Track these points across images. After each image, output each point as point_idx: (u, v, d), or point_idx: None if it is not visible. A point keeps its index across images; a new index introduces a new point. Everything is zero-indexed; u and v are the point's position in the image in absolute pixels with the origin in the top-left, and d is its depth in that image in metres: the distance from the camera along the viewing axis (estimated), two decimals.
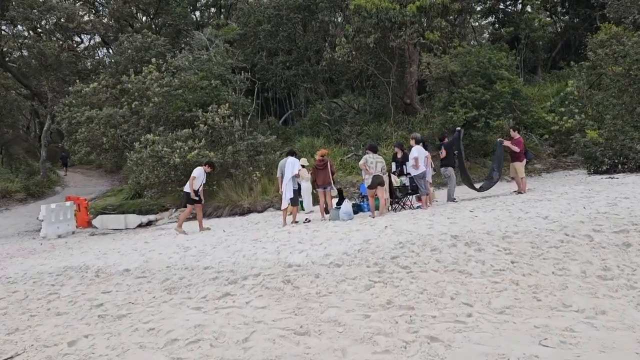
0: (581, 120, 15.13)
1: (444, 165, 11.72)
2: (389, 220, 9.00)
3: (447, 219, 8.57)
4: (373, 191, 10.36)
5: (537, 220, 7.54)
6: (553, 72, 28.45)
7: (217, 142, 16.61)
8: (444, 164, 11.72)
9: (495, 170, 12.15)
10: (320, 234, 8.27)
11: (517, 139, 11.82)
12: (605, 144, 13.87)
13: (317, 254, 6.44)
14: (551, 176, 16.30)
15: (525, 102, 16.22)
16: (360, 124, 22.97)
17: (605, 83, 15.49)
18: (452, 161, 11.77)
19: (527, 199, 10.27)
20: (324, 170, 10.90)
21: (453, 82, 16.57)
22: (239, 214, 15.83)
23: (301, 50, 23.33)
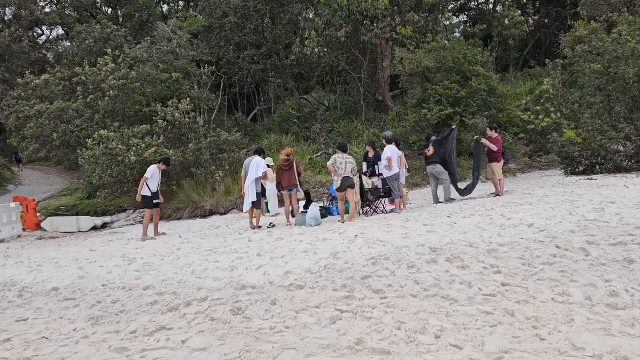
0: (557, 119, 14.63)
1: (432, 162, 10.96)
2: (359, 228, 8.17)
3: (423, 226, 7.80)
4: (342, 194, 9.52)
5: (522, 229, 6.82)
6: (525, 71, 28.28)
7: (178, 140, 15.50)
8: (432, 161, 10.96)
9: (475, 171, 11.48)
10: (284, 244, 7.37)
11: (495, 139, 11.16)
12: (583, 144, 13.38)
13: (277, 272, 5.55)
14: (527, 177, 15.79)
15: (501, 100, 15.66)
16: (331, 121, 22.13)
17: (582, 81, 15.03)
18: (440, 159, 11.05)
19: (507, 203, 9.60)
20: (289, 171, 10.00)
21: (427, 78, 15.88)
22: (200, 216, 14.78)
23: (270, 44, 22.33)
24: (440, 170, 10.86)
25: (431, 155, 10.94)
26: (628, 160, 13.18)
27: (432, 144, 10.99)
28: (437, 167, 10.88)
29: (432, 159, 10.97)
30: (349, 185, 9.39)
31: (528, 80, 25.24)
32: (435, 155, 10.91)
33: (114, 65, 16.09)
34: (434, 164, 10.92)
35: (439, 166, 10.88)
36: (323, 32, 18.80)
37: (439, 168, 10.87)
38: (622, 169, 13.12)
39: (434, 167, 10.93)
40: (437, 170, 10.88)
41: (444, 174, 10.88)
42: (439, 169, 10.87)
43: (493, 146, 11.06)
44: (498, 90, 15.21)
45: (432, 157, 10.95)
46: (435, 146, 10.95)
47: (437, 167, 10.87)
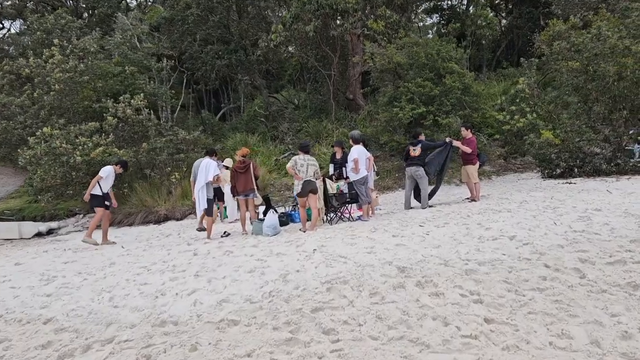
0: (533, 119, 13.96)
1: (415, 164, 10.04)
2: (320, 239, 7.20)
3: (392, 237, 6.87)
4: (304, 200, 8.54)
5: (503, 241, 5.96)
6: (498, 71, 27.85)
7: (130, 139, 14.27)
8: (416, 163, 10.05)
9: (438, 175, 10.64)
10: (230, 260, 6.34)
11: (469, 139, 10.34)
12: (561, 145, 12.72)
13: (211, 300, 4.52)
14: (502, 179, 15.09)
15: (475, 99, 14.92)
16: (300, 120, 21.14)
17: (560, 80, 14.41)
18: (424, 162, 10.16)
19: (484, 209, 8.77)
20: (245, 174, 8.96)
21: (399, 75, 15.03)
22: (154, 221, 13.59)
23: (236, 39, 21.19)
24: (422, 175, 9.97)
25: (417, 156, 10.04)
26: (607, 163, 12.58)
27: (420, 145, 10.09)
28: (420, 170, 9.98)
29: (416, 160, 10.06)
30: (310, 189, 8.42)
31: (502, 81, 24.75)
32: (421, 157, 10.03)
33: (61, 57, 14.75)
34: (417, 167, 10.02)
35: (422, 169, 9.99)
36: (291, 26, 17.80)
37: (422, 172, 9.98)
38: (601, 172, 12.51)
39: (417, 169, 10.02)
40: (420, 173, 9.98)
41: (425, 179, 9.99)
42: (422, 172, 9.97)
43: (466, 148, 10.24)
44: (473, 88, 14.47)
45: (416, 158, 10.05)
46: (423, 146, 10.07)
47: (420, 170, 9.98)
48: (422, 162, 10.06)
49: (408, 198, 10.37)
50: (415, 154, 10.11)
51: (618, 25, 12.82)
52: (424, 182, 10.02)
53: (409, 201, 10.35)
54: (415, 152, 10.11)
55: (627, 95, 12.30)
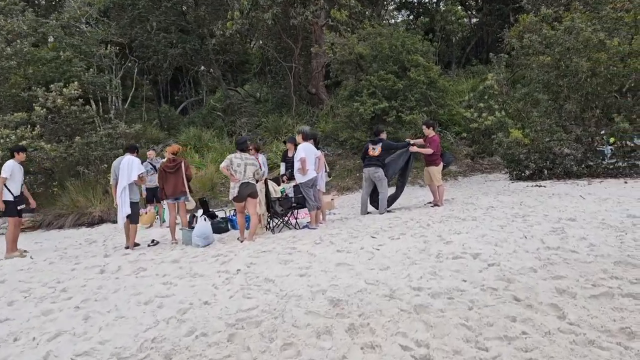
0: (501, 117, 13.12)
1: (374, 165, 9.00)
2: (253, 254, 6.06)
3: (336, 252, 5.79)
4: (241, 205, 7.38)
5: (465, 262, 4.94)
6: (467, 68, 27.21)
7: (63, 132, 12.81)
8: (374, 163, 9.01)
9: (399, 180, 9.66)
10: (135, 283, 5.15)
11: (431, 138, 9.34)
12: (531, 145, 11.89)
13: (68, 352, 3.34)
14: (469, 180, 14.23)
15: (441, 94, 13.99)
16: (259, 115, 19.91)
17: (530, 76, 13.61)
18: (383, 164, 9.10)
19: (446, 217, 7.79)
20: (175, 174, 7.75)
21: (361, 67, 13.98)
22: (87, 224, 12.19)
23: (193, 26, 19.80)
24: (381, 176, 8.93)
25: (376, 155, 9.00)
26: (578, 165, 11.81)
27: (381, 144, 9.05)
28: (379, 171, 8.94)
29: (374, 160, 9.02)
30: (249, 193, 7.27)
31: (470, 78, 24.06)
32: (381, 157, 8.99)
33: None
34: (376, 167, 8.98)
35: (381, 171, 8.95)
36: (249, 14, 16.56)
37: (381, 173, 8.94)
38: (572, 174, 11.75)
39: (375, 170, 8.98)
40: (378, 175, 8.94)
41: (384, 181, 8.96)
42: (381, 174, 8.94)
43: (426, 150, 9.24)
44: (439, 83, 13.53)
45: (375, 158, 9.01)
46: (385, 146, 9.03)
47: (379, 172, 8.93)
48: (381, 162, 9.03)
49: (365, 202, 9.33)
50: (375, 153, 9.07)
51: (591, 19, 12.06)
52: (382, 185, 8.99)
53: (365, 205, 9.31)
54: (375, 152, 9.07)
55: (600, 93, 11.55)
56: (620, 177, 11.12)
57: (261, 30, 17.64)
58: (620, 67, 10.96)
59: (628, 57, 11.13)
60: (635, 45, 11.00)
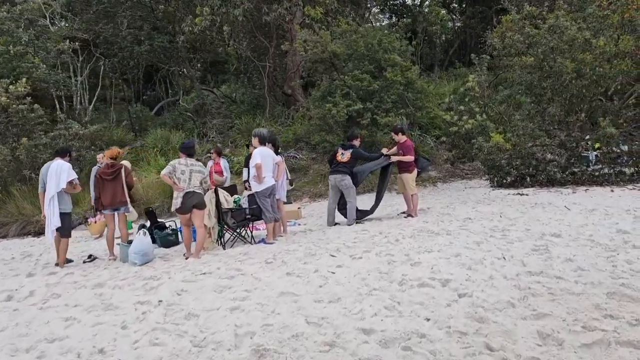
0: (482, 121, 12.42)
1: (341, 172, 8.17)
2: (188, 277, 5.19)
3: (284, 276, 4.96)
4: (186, 217, 6.51)
5: (432, 292, 4.15)
6: (450, 71, 26.65)
7: (10, 133, 11.79)
8: (342, 170, 8.19)
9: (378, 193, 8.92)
10: (34, 316, 4.25)
11: (403, 144, 8.54)
12: (512, 150, 11.19)
13: None
14: (448, 187, 13.50)
15: (420, 95, 13.24)
16: (232, 116, 19.00)
17: (512, 77, 12.95)
18: (351, 171, 8.25)
19: (419, 230, 7.00)
20: (113, 182, 6.85)
21: (335, 67, 13.19)
22: (34, 233, 11.18)
23: (163, 23, 18.85)
24: (348, 185, 8.11)
25: (344, 162, 8.18)
26: (562, 172, 11.14)
27: (352, 150, 8.23)
28: (346, 179, 8.11)
29: (341, 167, 8.20)
30: (194, 204, 6.40)
31: (452, 80, 23.47)
32: (349, 164, 8.17)
33: None
34: (343, 175, 8.15)
35: (348, 179, 8.12)
36: (219, 9, 15.67)
37: (348, 181, 8.12)
38: (556, 181, 11.06)
39: (342, 178, 8.15)
40: (345, 183, 8.12)
41: (352, 190, 8.15)
42: (348, 182, 8.12)
43: (406, 158, 8.44)
44: (417, 84, 12.79)
45: (343, 164, 8.19)
46: (355, 155, 8.20)
47: (346, 180, 8.11)
48: (349, 170, 8.20)
49: (332, 212, 8.50)
50: (343, 159, 8.26)
51: (576, 18, 11.41)
52: (350, 194, 8.18)
53: (332, 216, 8.49)
54: (344, 158, 8.25)
55: (585, 95, 10.90)
56: (606, 185, 10.46)
57: (234, 28, 16.73)
58: (607, 68, 10.31)
59: (614, 58, 10.50)
60: (622, 45, 10.37)
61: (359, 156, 8.33)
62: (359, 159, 8.43)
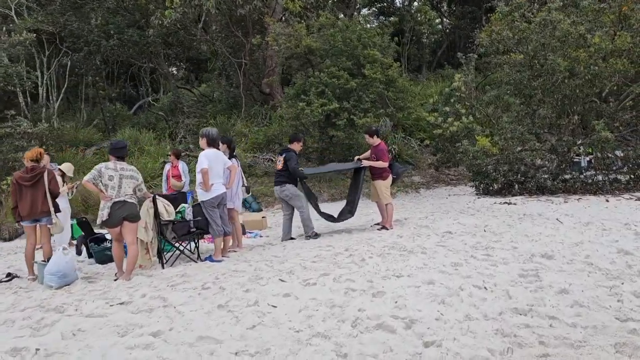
0: (468, 123, 11.57)
1: (279, 182, 7.26)
2: (92, 313, 4.19)
3: (214, 310, 4.00)
4: (116, 231, 5.52)
5: (390, 338, 3.23)
6: (438, 72, 25.86)
7: None
8: (279, 180, 7.27)
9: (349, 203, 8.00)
10: None
11: (377, 147, 7.61)
12: (500, 155, 10.33)
13: None
14: (431, 194, 12.63)
15: (401, 95, 12.33)
16: (207, 116, 18.00)
17: (500, 77, 12.10)
18: (289, 177, 7.27)
19: (390, 247, 6.07)
20: (33, 189, 5.83)
21: (311, 63, 12.25)
22: None
23: (133, 15, 17.80)
24: (290, 194, 7.20)
25: (279, 170, 7.27)
26: (552, 179, 10.29)
27: (284, 156, 7.29)
28: (286, 189, 7.19)
29: (279, 176, 7.31)
30: (126, 215, 5.41)
31: (440, 81, 22.65)
32: (286, 172, 7.21)
33: None
34: (282, 185, 7.23)
35: (289, 187, 7.19)
36: (191, 1, 14.67)
37: (289, 191, 7.19)
38: (546, 189, 10.21)
39: (282, 189, 7.23)
40: (287, 193, 7.21)
41: (298, 199, 7.23)
42: (289, 191, 7.19)
43: (380, 164, 7.52)
44: (398, 82, 11.88)
45: (279, 172, 7.28)
46: (290, 158, 7.23)
47: (286, 190, 7.19)
48: (287, 177, 7.23)
49: (286, 228, 7.52)
50: (279, 166, 7.34)
51: (569, 13, 10.58)
52: (297, 202, 7.26)
53: (286, 231, 7.50)
54: (279, 165, 7.33)
55: (579, 96, 10.05)
56: (600, 193, 9.63)
57: (207, 21, 15.75)
58: (602, 66, 9.47)
59: (610, 56, 9.67)
60: (619, 42, 9.54)
61: (288, 160, 7.25)
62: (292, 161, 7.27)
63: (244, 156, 12.91)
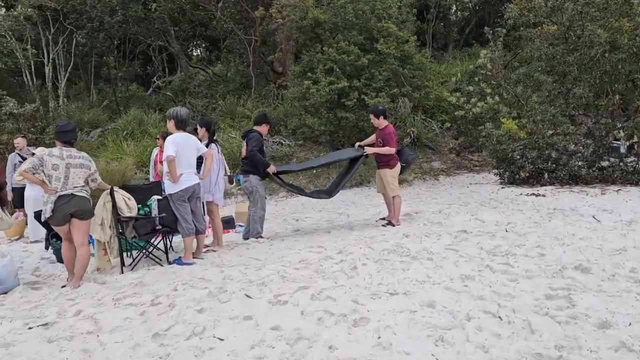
0: (494, 104, 10.40)
1: (244, 171, 6.28)
2: (3, 337, 3.39)
3: (142, 343, 3.14)
4: (64, 229, 4.69)
5: None
6: (465, 50, 24.37)
7: None
8: (244, 169, 6.29)
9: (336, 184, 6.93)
10: None
11: (383, 130, 6.59)
12: (528, 140, 9.18)
13: None
14: (451, 182, 11.53)
15: (419, 73, 11.17)
16: (217, 96, 17.14)
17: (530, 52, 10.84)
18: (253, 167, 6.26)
19: (391, 249, 5.12)
20: None
21: (319, 37, 11.19)
22: None
23: None
24: (249, 187, 6.20)
25: (244, 157, 6.30)
26: (588, 167, 9.10)
27: (247, 138, 6.31)
28: (248, 179, 6.21)
29: (243, 164, 6.33)
30: (74, 212, 4.58)
31: (466, 60, 21.22)
32: (247, 159, 6.24)
33: None
34: (245, 175, 6.23)
35: (251, 179, 6.19)
36: None
37: (250, 183, 6.19)
38: (580, 178, 9.03)
39: (244, 178, 6.24)
40: (247, 185, 6.22)
41: (256, 196, 6.21)
42: (250, 184, 6.19)
43: (386, 150, 6.48)
44: (415, 58, 10.73)
45: (244, 162, 6.31)
46: (251, 139, 6.23)
47: (248, 181, 6.20)
48: (252, 166, 6.21)
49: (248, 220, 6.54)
50: (243, 152, 6.36)
51: None
52: (253, 199, 6.25)
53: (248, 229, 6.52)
54: (243, 151, 6.33)
55: (620, 72, 8.77)
56: None
57: None
58: None
59: None
60: None
61: (255, 140, 6.15)
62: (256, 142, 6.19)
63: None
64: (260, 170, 6.14)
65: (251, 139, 6.15)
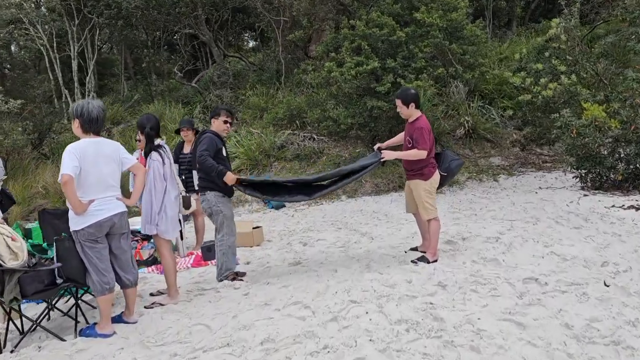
0: (570, 85, 8.04)
1: (200, 187, 4.51)
2: None
3: None
4: None
5: None
6: (530, 26, 21.43)
7: None
8: (200, 184, 4.52)
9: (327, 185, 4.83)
10: None
11: (413, 123, 4.55)
12: (621, 131, 6.83)
13: None
14: (514, 184, 9.22)
15: (472, 48, 8.90)
16: (247, 87, 15.54)
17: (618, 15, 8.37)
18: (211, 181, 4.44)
19: (410, 325, 3.16)
20: None
21: (346, 8, 9.19)
22: None
23: None
24: (211, 205, 4.40)
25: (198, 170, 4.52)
26: None
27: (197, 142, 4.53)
28: (206, 197, 4.41)
29: (198, 179, 4.56)
30: None
31: (532, 37, 18.40)
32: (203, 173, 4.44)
33: None
34: (202, 192, 4.47)
35: (208, 197, 4.39)
36: None
37: (211, 201, 4.39)
38: None
39: (202, 197, 4.48)
40: (206, 205, 4.44)
41: (218, 216, 4.40)
42: (211, 202, 4.39)
43: (415, 154, 4.43)
44: (466, 30, 8.52)
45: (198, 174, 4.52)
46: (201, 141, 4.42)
47: (205, 198, 4.43)
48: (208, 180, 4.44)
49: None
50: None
51: None
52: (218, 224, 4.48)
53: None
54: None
55: None
56: None
57: None
58: None
59: None
60: None
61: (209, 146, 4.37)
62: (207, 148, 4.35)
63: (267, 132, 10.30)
64: (218, 184, 4.34)
65: (201, 142, 4.37)
